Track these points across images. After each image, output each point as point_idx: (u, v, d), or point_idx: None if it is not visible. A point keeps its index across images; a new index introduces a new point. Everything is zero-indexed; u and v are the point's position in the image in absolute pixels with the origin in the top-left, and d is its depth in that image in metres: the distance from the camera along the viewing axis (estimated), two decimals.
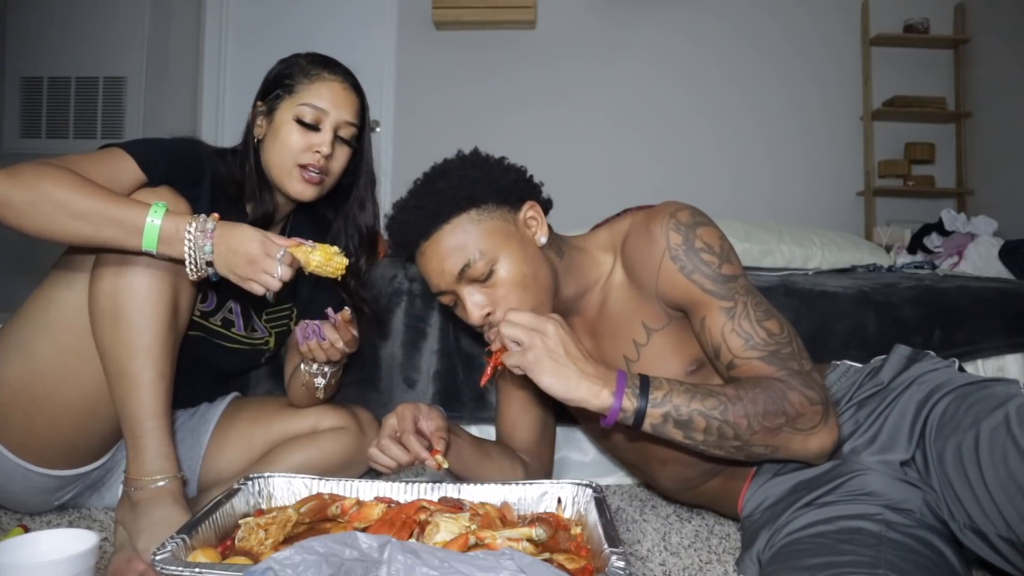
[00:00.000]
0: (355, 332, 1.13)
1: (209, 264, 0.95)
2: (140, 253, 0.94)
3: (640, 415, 0.85)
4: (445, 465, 0.95)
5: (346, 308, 1.11)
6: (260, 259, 0.94)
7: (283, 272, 0.95)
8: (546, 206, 1.07)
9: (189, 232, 0.93)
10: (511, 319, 0.88)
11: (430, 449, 0.96)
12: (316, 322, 1.09)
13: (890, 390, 0.96)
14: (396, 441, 0.96)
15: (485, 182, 0.99)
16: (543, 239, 1.02)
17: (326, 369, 1.19)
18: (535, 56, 3.68)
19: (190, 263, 0.94)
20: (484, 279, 0.97)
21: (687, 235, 0.96)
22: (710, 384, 0.91)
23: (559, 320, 0.88)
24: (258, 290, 0.96)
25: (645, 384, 0.86)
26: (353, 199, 1.27)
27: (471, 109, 3.66)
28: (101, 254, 0.98)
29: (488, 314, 0.97)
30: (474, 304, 0.97)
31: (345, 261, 1.02)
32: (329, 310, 1.09)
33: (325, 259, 1.00)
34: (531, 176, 1.06)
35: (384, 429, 0.97)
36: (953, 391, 0.88)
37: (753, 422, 0.85)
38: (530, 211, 1.02)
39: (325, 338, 1.09)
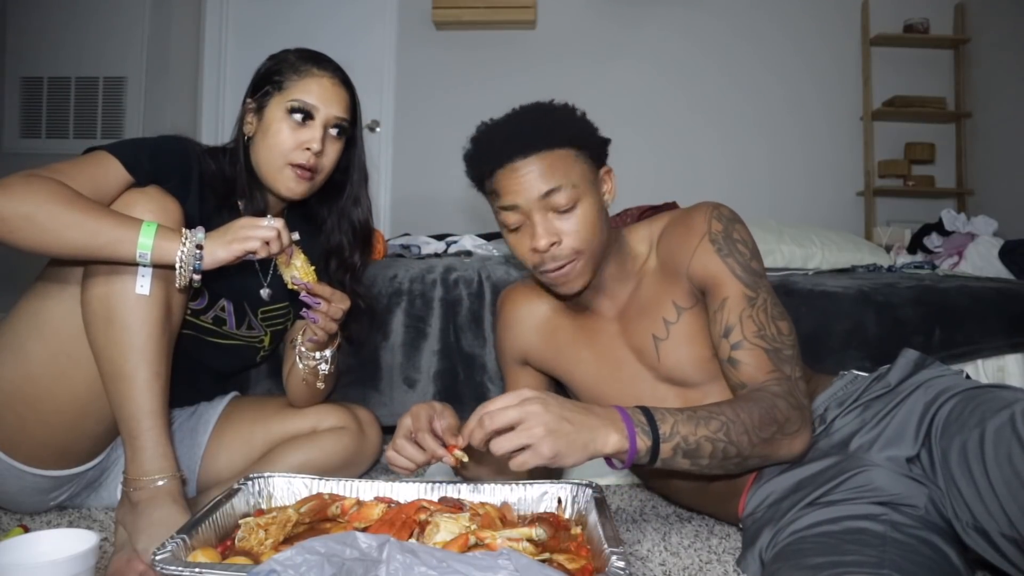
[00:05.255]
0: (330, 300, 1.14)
1: (196, 272, 0.96)
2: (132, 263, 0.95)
3: (654, 453, 0.86)
4: (465, 459, 0.92)
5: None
6: (249, 224, 0.99)
7: (272, 222, 1.00)
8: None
9: (182, 248, 0.95)
10: (488, 426, 0.83)
11: (446, 447, 0.95)
12: (305, 289, 1.10)
13: (897, 392, 0.97)
14: (412, 441, 0.96)
15: (588, 134, 1.05)
16: (610, 203, 1.08)
17: (327, 354, 1.21)
18: (535, 56, 3.68)
19: (180, 271, 0.95)
20: (565, 210, 1.00)
21: (727, 226, 1.04)
22: (706, 405, 0.91)
23: (535, 394, 0.85)
24: (254, 245, 0.98)
25: (651, 419, 0.87)
26: (347, 195, 1.27)
27: (471, 109, 3.61)
28: None
29: (553, 244, 1.00)
30: (545, 230, 0.99)
31: (314, 278, 1.11)
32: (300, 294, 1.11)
33: (305, 265, 1.10)
34: None
35: (399, 430, 0.97)
36: (960, 393, 0.89)
37: (753, 436, 0.89)
38: (607, 175, 1.08)
39: (320, 303, 1.11)
